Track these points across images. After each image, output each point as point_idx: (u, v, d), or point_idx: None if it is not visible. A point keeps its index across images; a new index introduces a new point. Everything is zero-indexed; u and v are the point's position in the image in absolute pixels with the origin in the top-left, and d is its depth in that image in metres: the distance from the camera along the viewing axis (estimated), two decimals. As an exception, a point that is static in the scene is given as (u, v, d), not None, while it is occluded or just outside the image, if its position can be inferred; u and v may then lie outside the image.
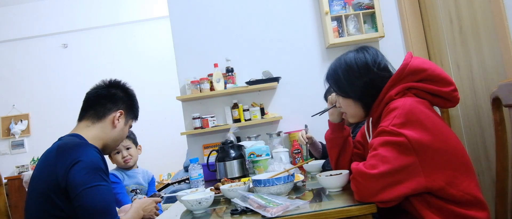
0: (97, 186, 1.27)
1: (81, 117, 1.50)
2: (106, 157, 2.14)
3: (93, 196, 1.26)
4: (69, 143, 1.35)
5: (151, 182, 2.62)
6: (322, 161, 1.75)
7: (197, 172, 1.87)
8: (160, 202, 1.76)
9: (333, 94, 1.46)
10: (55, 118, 4.97)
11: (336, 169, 1.49)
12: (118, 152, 2.21)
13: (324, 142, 2.18)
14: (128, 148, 2.24)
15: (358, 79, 1.27)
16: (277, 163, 1.73)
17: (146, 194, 2.58)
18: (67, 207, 1.27)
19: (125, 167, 2.26)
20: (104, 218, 1.27)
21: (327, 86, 1.42)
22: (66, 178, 1.25)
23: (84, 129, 1.46)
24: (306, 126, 2.15)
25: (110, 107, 1.49)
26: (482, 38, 1.81)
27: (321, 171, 1.77)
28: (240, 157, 2.11)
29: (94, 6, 5.14)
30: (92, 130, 1.45)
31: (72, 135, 1.44)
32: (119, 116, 1.50)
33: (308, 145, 2.12)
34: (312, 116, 1.78)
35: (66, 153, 1.30)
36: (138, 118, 1.67)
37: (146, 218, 1.61)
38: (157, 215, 1.66)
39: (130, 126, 1.63)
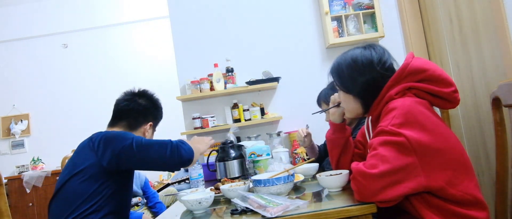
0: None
1: (113, 124, 1.64)
2: None
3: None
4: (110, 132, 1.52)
5: (145, 186, 2.61)
6: (315, 164, 1.71)
7: (197, 172, 1.87)
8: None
9: (335, 94, 1.46)
10: (55, 118, 4.98)
11: (336, 169, 1.49)
12: None
13: (321, 144, 2.18)
14: None
15: (361, 75, 1.27)
16: (277, 163, 1.73)
17: (146, 199, 2.58)
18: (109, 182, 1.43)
19: None
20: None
21: (330, 79, 1.41)
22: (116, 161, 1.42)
23: None
24: (307, 126, 2.11)
25: (141, 121, 1.66)
26: (482, 38, 1.81)
27: (320, 171, 1.76)
28: (240, 157, 2.11)
29: (94, 6, 5.14)
30: None
31: None
32: (149, 128, 1.69)
33: (306, 148, 2.09)
34: (313, 114, 1.78)
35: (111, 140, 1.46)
36: None
37: (202, 150, 1.69)
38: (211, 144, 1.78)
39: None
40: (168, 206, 2.56)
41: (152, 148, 1.43)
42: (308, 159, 2.08)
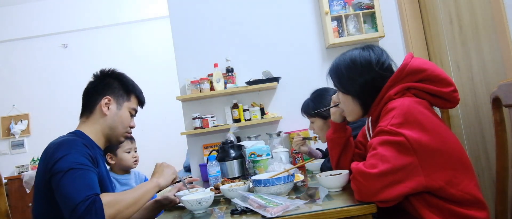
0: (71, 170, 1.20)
1: (80, 116, 1.54)
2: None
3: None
4: (55, 142, 1.36)
5: None
6: (322, 160, 1.75)
7: (215, 169, 1.87)
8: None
9: (335, 94, 1.47)
10: (55, 118, 4.97)
11: (336, 169, 1.49)
12: (129, 152, 2.18)
13: (320, 148, 2.20)
14: (136, 150, 2.24)
15: (360, 76, 1.27)
16: (277, 163, 1.73)
17: None
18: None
19: (129, 169, 2.24)
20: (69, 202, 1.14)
21: (329, 80, 1.41)
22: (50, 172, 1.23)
23: (82, 125, 1.50)
24: (298, 134, 2.15)
25: (95, 98, 1.49)
26: (482, 38, 1.81)
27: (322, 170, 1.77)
28: (240, 157, 2.11)
29: (94, 6, 5.14)
30: (88, 125, 1.48)
31: (71, 132, 1.47)
32: (106, 103, 1.47)
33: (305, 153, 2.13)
34: (313, 113, 1.78)
35: (49, 151, 1.31)
36: (141, 113, 1.62)
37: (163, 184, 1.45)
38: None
39: (135, 111, 1.56)
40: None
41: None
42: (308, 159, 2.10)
